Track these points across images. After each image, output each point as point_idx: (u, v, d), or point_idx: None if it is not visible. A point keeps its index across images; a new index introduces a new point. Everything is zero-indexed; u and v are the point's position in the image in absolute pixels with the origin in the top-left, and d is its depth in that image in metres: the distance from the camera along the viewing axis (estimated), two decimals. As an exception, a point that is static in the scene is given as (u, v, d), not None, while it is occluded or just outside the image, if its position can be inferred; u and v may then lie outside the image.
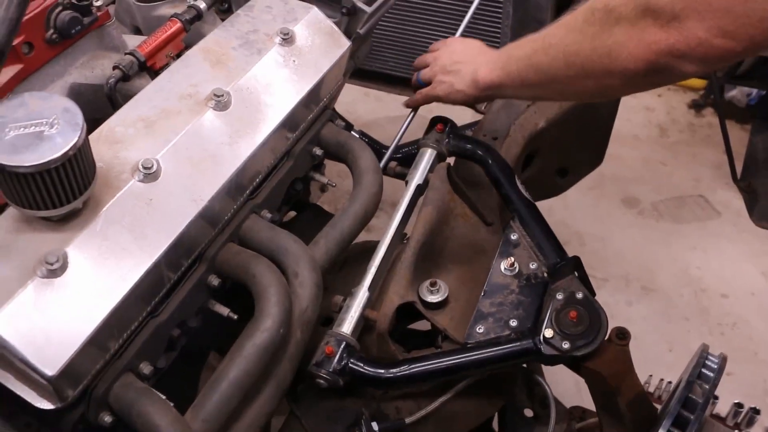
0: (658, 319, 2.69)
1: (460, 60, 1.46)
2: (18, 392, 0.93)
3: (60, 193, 0.92)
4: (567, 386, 1.73)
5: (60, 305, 0.91)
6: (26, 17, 1.14)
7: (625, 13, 1.04)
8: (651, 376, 1.46)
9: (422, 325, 1.43)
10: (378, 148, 1.99)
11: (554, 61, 1.20)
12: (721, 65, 1.06)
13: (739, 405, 1.29)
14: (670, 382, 1.42)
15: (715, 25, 0.94)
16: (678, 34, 0.98)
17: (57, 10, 1.20)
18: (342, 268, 1.54)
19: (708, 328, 2.67)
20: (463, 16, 1.71)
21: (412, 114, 1.64)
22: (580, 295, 1.23)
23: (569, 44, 1.16)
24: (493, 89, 1.39)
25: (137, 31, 1.52)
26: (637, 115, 3.55)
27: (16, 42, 1.14)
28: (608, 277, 2.78)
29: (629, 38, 1.04)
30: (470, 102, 1.50)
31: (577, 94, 1.36)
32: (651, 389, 1.46)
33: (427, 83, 1.55)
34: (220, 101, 1.17)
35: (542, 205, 1.41)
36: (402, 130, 1.63)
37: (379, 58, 2.14)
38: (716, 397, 1.22)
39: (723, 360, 1.23)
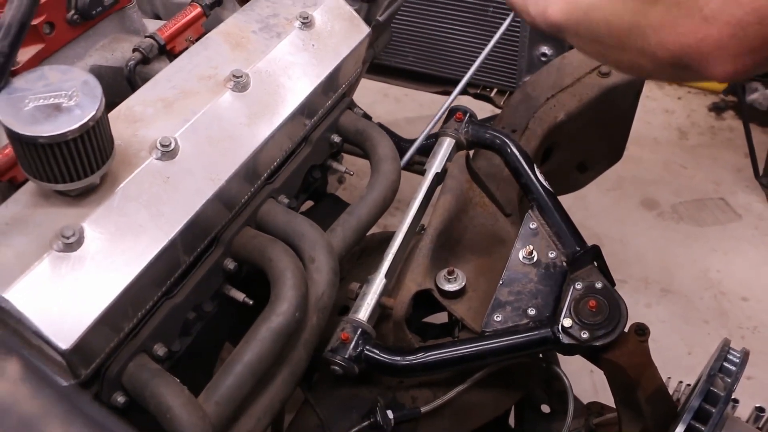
0: (678, 322, 2.66)
1: None
2: (32, 368, 0.93)
3: (77, 166, 0.91)
4: (584, 386, 1.71)
5: (75, 279, 0.91)
6: (48, -3, 1.14)
7: None
8: (669, 378, 1.43)
9: (439, 319, 1.42)
10: (397, 141, 1.98)
11: (599, 24, 1.11)
12: (745, 74, 0.95)
13: (761, 409, 1.26)
14: (688, 385, 1.39)
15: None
16: (711, 27, 0.89)
17: (78, -9, 1.20)
18: (359, 258, 1.52)
19: (728, 331, 2.63)
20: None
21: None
22: (599, 285, 1.21)
23: (612, 13, 1.08)
24: (555, 29, 1.28)
25: (158, 18, 1.52)
26: (657, 117, 3.52)
27: (37, 21, 1.14)
28: (627, 279, 2.75)
29: (663, 24, 0.96)
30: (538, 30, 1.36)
31: (616, 64, 1.26)
32: (670, 392, 1.43)
33: None
34: (239, 82, 1.16)
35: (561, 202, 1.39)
36: (446, 104, 1.59)
37: (399, 52, 2.13)
38: (736, 401, 1.19)
39: (745, 354, 1.21)
